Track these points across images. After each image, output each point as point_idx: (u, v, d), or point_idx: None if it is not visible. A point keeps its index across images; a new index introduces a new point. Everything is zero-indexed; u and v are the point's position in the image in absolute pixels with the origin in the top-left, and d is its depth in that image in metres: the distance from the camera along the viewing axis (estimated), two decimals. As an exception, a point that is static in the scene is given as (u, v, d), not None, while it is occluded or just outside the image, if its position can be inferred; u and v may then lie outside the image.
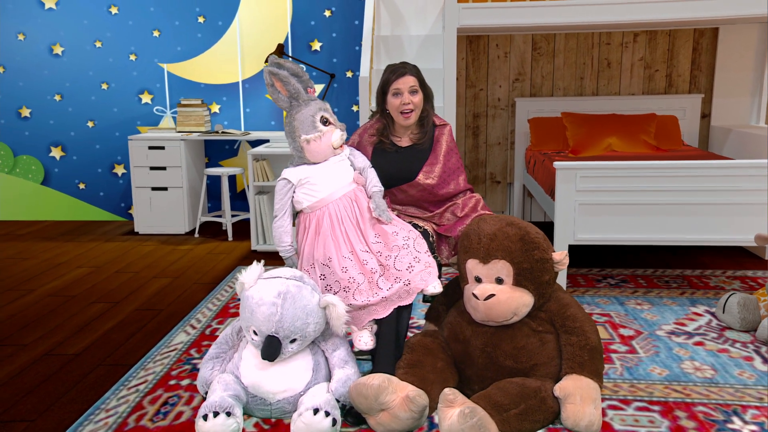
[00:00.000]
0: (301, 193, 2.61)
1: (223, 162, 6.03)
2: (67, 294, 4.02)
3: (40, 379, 2.87)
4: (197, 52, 5.83)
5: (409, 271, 2.48)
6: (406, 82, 2.72)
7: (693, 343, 3.11)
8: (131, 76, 5.91)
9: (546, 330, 2.56)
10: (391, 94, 2.74)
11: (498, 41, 5.56)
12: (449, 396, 2.24)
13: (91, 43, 5.89)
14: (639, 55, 5.52)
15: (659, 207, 3.52)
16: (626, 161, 3.65)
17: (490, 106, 5.67)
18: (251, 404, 2.48)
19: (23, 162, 6.14)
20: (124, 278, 4.34)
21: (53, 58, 5.94)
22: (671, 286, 3.98)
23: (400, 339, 2.57)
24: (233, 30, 5.76)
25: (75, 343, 3.26)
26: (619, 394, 2.63)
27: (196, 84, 5.87)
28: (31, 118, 6.06)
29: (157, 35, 5.83)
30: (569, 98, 5.52)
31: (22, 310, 3.74)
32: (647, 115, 5.09)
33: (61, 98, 6.00)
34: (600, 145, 4.83)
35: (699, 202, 3.51)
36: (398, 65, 2.78)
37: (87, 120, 6.03)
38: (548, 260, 2.53)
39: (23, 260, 4.82)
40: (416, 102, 2.73)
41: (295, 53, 5.71)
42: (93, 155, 6.09)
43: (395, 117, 2.77)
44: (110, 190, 6.15)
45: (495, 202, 5.80)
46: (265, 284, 2.44)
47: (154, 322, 3.53)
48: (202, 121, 5.69)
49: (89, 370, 2.94)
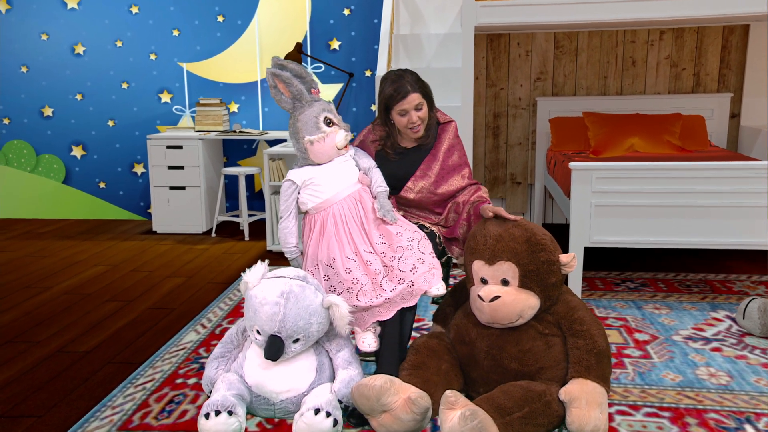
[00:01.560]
0: (305, 194, 2.65)
1: (241, 161, 6.10)
2: (82, 292, 4.11)
3: (51, 375, 2.94)
4: (216, 51, 5.91)
5: (413, 272, 2.50)
6: (411, 101, 2.70)
7: (710, 349, 3.08)
8: (151, 75, 6.02)
9: (553, 333, 2.56)
10: (397, 113, 2.73)
11: (519, 39, 5.55)
12: (451, 398, 2.25)
13: (112, 43, 6.01)
14: (665, 54, 5.46)
15: (678, 209, 3.49)
16: (643, 161, 3.62)
17: (511, 105, 5.66)
18: (255, 404, 2.52)
19: (45, 161, 6.28)
20: (138, 277, 4.42)
21: (75, 58, 6.07)
22: (692, 290, 3.94)
23: (404, 340, 2.59)
24: (252, 29, 5.84)
25: (87, 341, 3.34)
26: (628, 399, 2.62)
27: (215, 83, 5.95)
28: (54, 117, 6.19)
29: (177, 35, 5.92)
30: (592, 98, 5.49)
31: (37, 308, 3.84)
32: (672, 115, 5.04)
33: (82, 98, 6.13)
34: (622, 145, 4.80)
35: (721, 204, 3.46)
36: (398, 80, 2.72)
37: (107, 119, 6.15)
38: (555, 262, 2.54)
39: (42, 258, 4.94)
40: (423, 116, 2.73)
41: (314, 52, 5.76)
42: (113, 154, 6.21)
43: (403, 132, 2.79)
44: (130, 189, 6.26)
45: (515, 203, 5.79)
46: (268, 284, 2.48)
47: (166, 321, 3.59)
48: (221, 121, 5.77)
49: (99, 368, 3.01)
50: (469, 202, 2.80)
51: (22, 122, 6.22)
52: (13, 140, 6.27)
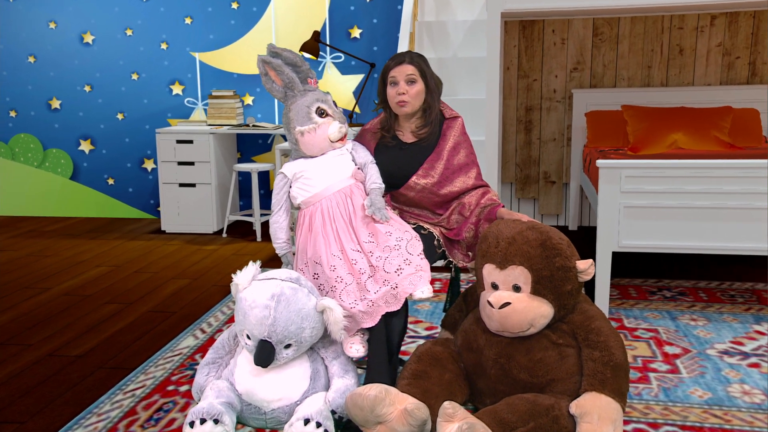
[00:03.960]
0: (296, 187, 2.69)
1: (255, 157, 6.19)
2: (81, 293, 4.22)
3: (39, 379, 3.03)
4: (230, 40, 6.01)
5: (398, 273, 2.51)
6: (403, 70, 2.74)
7: (747, 365, 3.03)
8: (162, 65, 6.14)
9: (567, 343, 2.55)
10: (389, 83, 2.78)
11: (554, 26, 5.52)
12: (449, 410, 2.26)
13: (122, 31, 6.14)
14: (717, 41, 5.38)
15: (716, 212, 3.42)
16: (684, 159, 3.57)
17: (544, 98, 5.64)
18: (245, 413, 2.56)
19: (53, 156, 6.45)
20: (142, 278, 4.51)
21: (83, 47, 6.22)
22: (736, 300, 3.88)
23: (393, 346, 2.60)
24: (268, 16, 5.91)
25: (80, 344, 3.43)
26: (648, 416, 2.59)
27: (229, 74, 6.04)
28: (61, 109, 6.36)
29: (189, 23, 6.03)
30: (634, 89, 5.43)
31: (34, 309, 3.95)
32: (721, 108, 4.96)
33: (91, 89, 6.28)
34: (663, 141, 4.74)
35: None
36: (400, 53, 2.81)
37: (117, 112, 6.29)
38: (571, 269, 2.52)
39: (45, 258, 5.07)
40: (412, 92, 2.74)
41: (333, 41, 5.81)
42: (122, 149, 6.35)
43: (393, 107, 2.80)
44: (139, 186, 6.40)
45: (549, 204, 5.76)
46: (259, 286, 2.51)
47: (164, 325, 3.67)
48: (234, 114, 5.85)
49: (89, 373, 3.09)
50: (480, 206, 2.80)
51: (29, 115, 6.40)
52: (20, 134, 6.45)
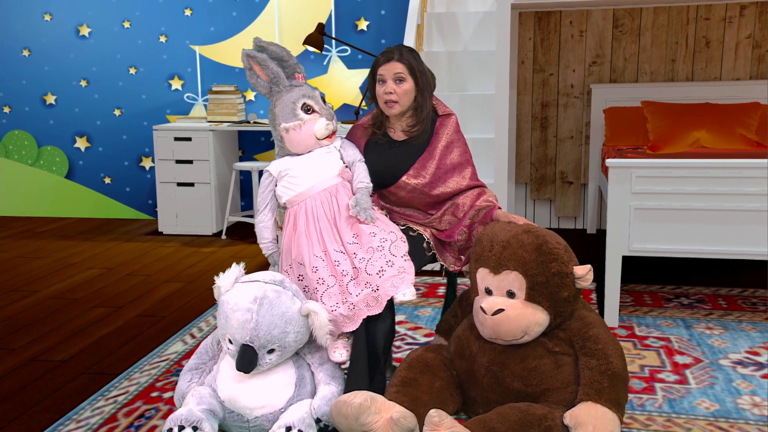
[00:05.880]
0: (281, 185, 2.75)
1: (257, 156, 6.27)
2: (70, 297, 4.31)
3: (20, 385, 3.11)
4: (232, 32, 6.09)
5: (380, 275, 2.56)
6: (391, 68, 2.77)
7: (761, 376, 3.04)
8: (161, 59, 6.24)
9: (564, 351, 2.58)
10: (377, 80, 2.83)
11: (572, 18, 5.55)
12: (434, 418, 2.31)
13: (119, 24, 6.25)
14: (746, 33, 5.38)
15: (734, 214, 3.43)
16: (703, 158, 3.58)
17: (561, 93, 5.66)
18: (228, 420, 2.62)
19: (47, 153, 6.57)
20: (133, 282, 4.60)
21: (80, 40, 6.34)
22: (758, 308, 3.88)
23: (377, 351, 2.64)
24: (271, 8, 5.99)
25: (64, 349, 3.51)
26: (650, 428, 2.62)
27: (230, 68, 6.13)
28: (56, 105, 6.48)
29: (189, 14, 6.12)
30: (657, 84, 5.44)
31: (19, 313, 4.05)
32: (749, 105, 4.96)
33: (87, 84, 6.39)
34: (685, 140, 4.75)
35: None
36: (390, 48, 2.84)
37: (113, 108, 6.40)
38: (568, 275, 2.55)
39: (35, 259, 5.18)
40: (400, 92, 2.78)
41: (339, 33, 5.88)
42: (119, 146, 6.46)
43: (381, 107, 2.85)
44: (137, 186, 6.50)
45: (566, 206, 5.78)
46: (241, 288, 2.57)
47: (153, 330, 3.75)
48: (235, 110, 5.93)
49: (71, 379, 3.17)
50: (474, 208, 2.84)
51: (23, 111, 6.53)
52: (13, 130, 6.58)
